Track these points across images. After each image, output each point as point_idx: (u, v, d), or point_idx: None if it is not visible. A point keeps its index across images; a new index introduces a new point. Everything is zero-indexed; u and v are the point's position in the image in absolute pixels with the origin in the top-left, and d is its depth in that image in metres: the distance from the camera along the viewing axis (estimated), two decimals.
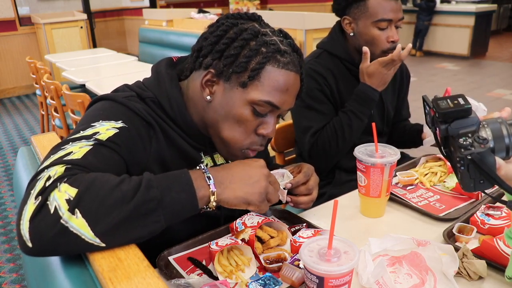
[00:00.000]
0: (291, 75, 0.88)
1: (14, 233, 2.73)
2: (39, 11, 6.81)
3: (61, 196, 0.65)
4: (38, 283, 0.77)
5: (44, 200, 0.65)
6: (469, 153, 0.67)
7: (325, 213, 1.16)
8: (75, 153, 0.74)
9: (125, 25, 8.07)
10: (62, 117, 3.14)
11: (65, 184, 0.66)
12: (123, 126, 0.83)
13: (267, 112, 0.89)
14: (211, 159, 1.01)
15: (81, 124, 0.84)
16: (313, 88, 1.46)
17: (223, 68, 0.87)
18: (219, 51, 0.87)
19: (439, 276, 0.84)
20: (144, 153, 0.88)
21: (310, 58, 1.54)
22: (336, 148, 1.44)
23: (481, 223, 1.01)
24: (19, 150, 1.16)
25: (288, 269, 0.85)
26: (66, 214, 0.64)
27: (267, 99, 0.86)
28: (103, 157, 0.77)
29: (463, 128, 0.70)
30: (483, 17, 7.98)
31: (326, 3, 9.59)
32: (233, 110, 0.88)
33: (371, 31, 1.42)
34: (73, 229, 0.64)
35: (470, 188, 0.69)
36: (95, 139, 0.78)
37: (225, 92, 0.88)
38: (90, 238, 0.65)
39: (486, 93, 5.67)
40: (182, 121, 0.93)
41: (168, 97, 0.92)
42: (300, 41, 3.23)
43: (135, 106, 0.88)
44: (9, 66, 6.38)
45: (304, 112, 1.48)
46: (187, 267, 0.91)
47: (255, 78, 0.85)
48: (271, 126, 0.91)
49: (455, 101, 0.72)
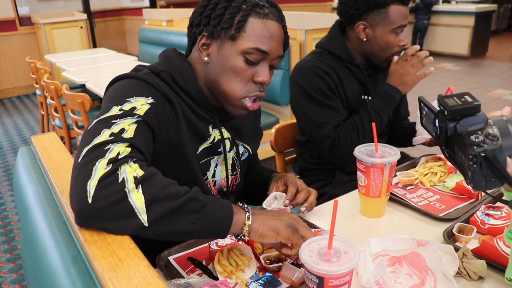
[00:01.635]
0: (272, 23, 0.97)
1: (14, 233, 2.73)
2: (39, 11, 6.81)
3: (130, 172, 0.74)
4: (38, 283, 0.77)
5: (116, 169, 0.73)
6: (483, 150, 0.65)
7: (325, 213, 1.16)
8: (127, 131, 0.81)
9: (125, 25, 8.07)
10: (62, 117, 3.14)
11: (135, 164, 0.75)
12: (153, 102, 0.90)
13: (259, 60, 0.97)
14: (219, 132, 1.06)
15: (114, 98, 0.89)
16: (320, 86, 1.46)
17: (213, 28, 0.97)
18: (207, 16, 0.98)
19: (439, 276, 0.84)
20: (167, 129, 0.95)
21: (312, 56, 1.54)
22: (357, 143, 1.40)
23: (481, 223, 1.01)
24: (19, 150, 1.16)
25: (288, 269, 0.85)
26: (131, 185, 0.72)
27: (255, 45, 0.95)
28: (145, 137, 0.85)
29: (472, 126, 0.69)
30: (483, 17, 7.98)
31: (326, 3, 9.59)
32: (228, 63, 0.97)
33: (388, 37, 1.44)
34: (131, 200, 0.72)
35: (482, 186, 0.68)
36: (137, 115, 0.85)
37: (219, 50, 0.98)
38: (141, 213, 0.72)
39: (486, 93, 5.67)
40: (194, 91, 1.01)
41: (180, 70, 1.01)
42: (300, 41, 3.23)
43: (155, 82, 0.95)
44: (9, 66, 6.38)
45: (316, 109, 1.48)
46: (187, 267, 0.91)
47: (241, 30, 0.95)
48: (265, 73, 0.98)
49: (462, 98, 0.71)
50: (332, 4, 9.56)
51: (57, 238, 0.75)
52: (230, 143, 1.09)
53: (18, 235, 2.71)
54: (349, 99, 1.51)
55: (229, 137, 1.09)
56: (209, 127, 1.05)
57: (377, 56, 1.49)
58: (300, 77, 1.50)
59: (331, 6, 9.54)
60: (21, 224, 1.19)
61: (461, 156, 0.71)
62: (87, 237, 0.72)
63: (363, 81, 1.54)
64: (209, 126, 1.05)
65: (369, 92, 1.55)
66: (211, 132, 1.05)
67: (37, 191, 0.89)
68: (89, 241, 0.71)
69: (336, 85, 1.49)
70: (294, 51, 3.17)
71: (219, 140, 1.06)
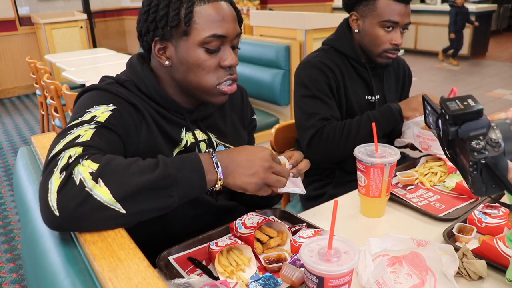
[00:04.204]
0: (220, 4, 0.94)
1: (14, 233, 2.73)
2: (39, 11, 6.80)
3: (85, 170, 0.73)
4: (38, 283, 0.77)
5: (70, 174, 0.72)
6: (483, 157, 0.64)
7: (325, 213, 1.15)
8: (83, 136, 0.81)
9: (125, 25, 8.06)
10: (62, 117, 3.14)
11: (87, 160, 0.74)
12: (115, 108, 0.90)
13: (219, 45, 0.95)
14: (192, 134, 1.05)
15: (75, 113, 0.89)
16: (320, 81, 1.46)
17: (163, 31, 0.94)
18: (152, 20, 0.95)
19: (439, 276, 0.84)
20: (136, 134, 0.95)
21: (319, 52, 1.54)
22: (337, 144, 1.42)
23: (478, 221, 1.01)
24: (19, 150, 1.16)
25: (288, 269, 0.85)
26: (91, 183, 0.71)
27: (210, 33, 0.92)
28: (106, 138, 0.84)
29: (474, 131, 0.67)
30: (483, 17, 7.98)
31: (326, 3, 9.58)
32: (190, 59, 0.94)
33: (376, 30, 1.43)
34: (96, 196, 0.71)
35: (482, 192, 0.67)
36: (96, 122, 0.85)
37: (176, 50, 0.95)
38: (112, 203, 0.72)
39: (486, 93, 5.67)
40: (158, 97, 0.99)
41: (142, 78, 1.00)
42: (300, 41, 3.23)
43: (118, 91, 0.95)
44: (9, 66, 6.38)
45: (309, 101, 1.47)
46: (187, 267, 0.91)
47: (191, 22, 0.92)
48: (230, 55, 0.96)
49: (464, 102, 0.69)
50: (332, 4, 9.56)
51: (57, 238, 0.75)
52: (206, 145, 1.07)
53: (18, 235, 2.71)
54: (351, 99, 1.51)
55: (205, 139, 1.07)
56: (182, 130, 1.03)
57: (369, 50, 1.48)
58: (302, 71, 1.51)
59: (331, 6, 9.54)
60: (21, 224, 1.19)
61: (462, 159, 0.70)
62: (87, 237, 0.72)
63: (368, 81, 1.54)
64: (182, 130, 1.03)
65: (373, 92, 1.54)
66: (182, 137, 1.03)
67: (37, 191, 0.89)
68: (89, 241, 0.71)
69: (337, 83, 1.48)
70: (294, 51, 3.17)
71: (193, 143, 1.04)
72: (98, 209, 0.71)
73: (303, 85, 1.48)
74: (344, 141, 1.41)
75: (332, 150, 1.44)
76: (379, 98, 1.56)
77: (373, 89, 1.54)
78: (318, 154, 1.46)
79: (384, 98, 1.58)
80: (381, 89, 1.57)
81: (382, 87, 1.58)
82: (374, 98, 1.55)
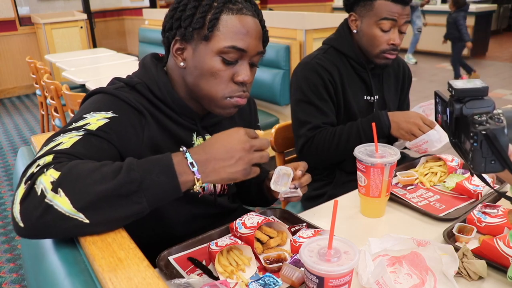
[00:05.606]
0: (247, 18, 0.92)
1: (14, 233, 2.73)
2: (39, 11, 6.80)
3: (46, 179, 0.70)
4: (38, 283, 0.77)
5: (32, 184, 0.71)
6: (484, 128, 0.65)
7: (325, 213, 1.16)
8: (64, 143, 0.79)
9: (125, 25, 8.06)
10: (62, 117, 3.14)
11: (51, 169, 0.72)
12: (113, 116, 0.88)
13: (237, 58, 0.93)
14: (203, 139, 1.04)
15: (74, 116, 0.89)
16: (317, 84, 1.46)
17: (185, 31, 0.93)
18: (178, 18, 0.94)
19: (439, 276, 0.84)
20: (137, 140, 0.92)
21: (318, 52, 1.54)
22: (327, 152, 1.44)
23: (478, 221, 1.01)
24: (19, 150, 1.16)
25: (288, 269, 0.85)
26: (50, 193, 0.69)
27: (230, 44, 0.91)
28: (92, 146, 0.82)
29: (478, 109, 0.68)
30: (483, 17, 7.98)
31: (326, 3, 9.59)
32: (204, 65, 0.92)
33: (373, 30, 1.43)
34: (57, 207, 0.68)
35: (481, 167, 0.67)
36: (85, 129, 0.83)
37: (193, 53, 0.93)
38: (73, 214, 0.69)
39: None
40: (171, 100, 0.97)
41: (155, 80, 0.97)
42: (300, 41, 3.23)
43: (125, 96, 0.92)
44: (9, 66, 6.38)
45: (304, 106, 1.48)
46: (187, 267, 0.91)
47: (214, 29, 0.90)
48: (245, 72, 0.94)
49: (471, 82, 0.71)
50: (332, 4, 9.56)
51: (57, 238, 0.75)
52: None
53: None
54: (350, 99, 1.51)
55: None
56: (193, 135, 1.03)
57: (367, 51, 1.48)
58: (301, 72, 1.51)
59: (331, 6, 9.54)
60: None
61: (465, 141, 0.70)
62: (87, 237, 0.72)
63: (367, 81, 1.54)
64: (193, 134, 1.02)
65: (372, 93, 1.55)
66: (194, 141, 1.02)
67: None
68: (89, 241, 0.71)
69: (335, 85, 1.49)
70: (294, 51, 3.18)
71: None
72: (60, 219, 0.68)
73: (299, 88, 1.49)
74: (334, 150, 1.44)
75: (323, 158, 1.49)
76: (378, 99, 1.56)
77: (372, 89, 1.54)
78: (311, 160, 1.46)
79: (383, 98, 1.58)
80: (380, 89, 1.57)
81: (382, 87, 1.58)
82: (373, 98, 1.55)
